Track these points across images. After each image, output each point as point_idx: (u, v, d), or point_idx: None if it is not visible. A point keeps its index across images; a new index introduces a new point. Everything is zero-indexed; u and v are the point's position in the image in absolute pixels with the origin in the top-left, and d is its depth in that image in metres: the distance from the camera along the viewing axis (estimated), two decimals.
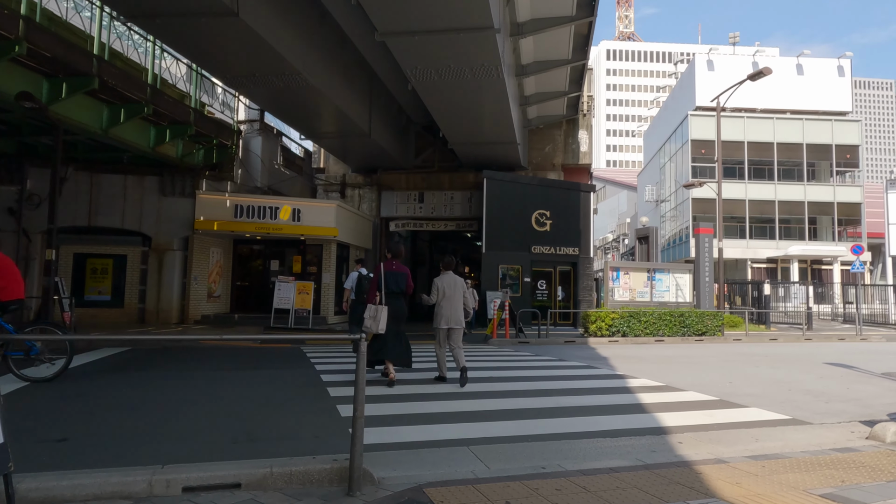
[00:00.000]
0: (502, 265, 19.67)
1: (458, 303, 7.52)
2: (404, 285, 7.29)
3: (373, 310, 6.98)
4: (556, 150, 22.68)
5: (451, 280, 7.59)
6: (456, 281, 7.62)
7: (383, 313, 6.96)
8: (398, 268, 7.32)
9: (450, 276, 7.66)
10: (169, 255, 16.79)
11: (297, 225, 17.46)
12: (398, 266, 7.34)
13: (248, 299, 19.46)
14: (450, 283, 7.55)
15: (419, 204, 22.08)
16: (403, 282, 7.28)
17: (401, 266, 7.38)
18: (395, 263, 7.33)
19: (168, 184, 16.79)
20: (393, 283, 7.17)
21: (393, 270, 7.25)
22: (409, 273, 7.48)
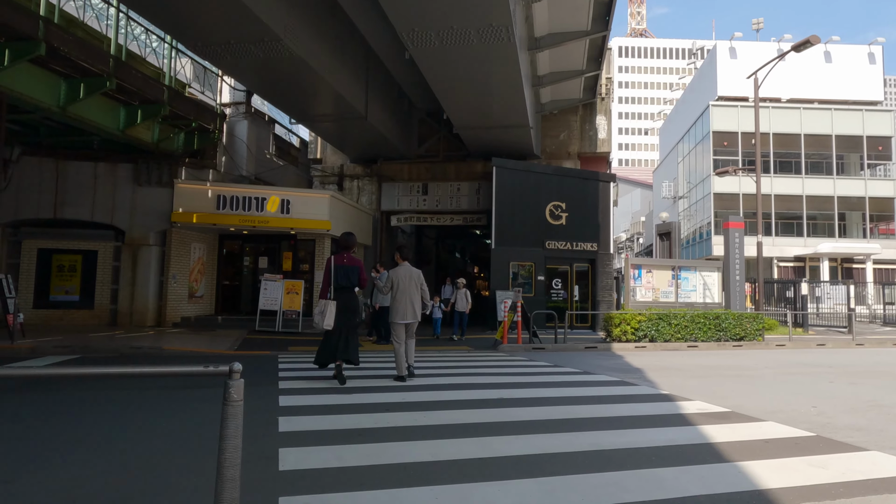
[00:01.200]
0: (514, 262, 17.88)
1: (414, 296, 7.38)
2: (356, 279, 7.07)
3: (321, 305, 6.85)
4: (572, 137, 20.86)
5: (407, 272, 7.44)
6: (411, 273, 7.46)
7: (330, 308, 6.80)
8: (350, 261, 7.10)
9: (405, 267, 7.50)
10: (144, 251, 15.16)
11: (287, 217, 15.78)
12: (350, 259, 7.12)
13: (235, 300, 17.82)
14: (405, 276, 7.39)
15: (423, 196, 20.34)
16: (355, 276, 7.06)
17: (353, 259, 7.17)
18: (347, 257, 7.12)
19: (143, 172, 15.17)
20: (343, 278, 6.96)
21: (344, 264, 7.02)
22: (362, 266, 7.27)
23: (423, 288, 7.55)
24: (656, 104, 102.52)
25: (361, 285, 7.20)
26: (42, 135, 14.11)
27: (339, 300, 6.88)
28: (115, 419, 5.17)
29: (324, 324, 6.81)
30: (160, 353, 10.57)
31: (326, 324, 6.81)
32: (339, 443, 4.36)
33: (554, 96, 19.86)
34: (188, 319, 15.77)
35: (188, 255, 16.03)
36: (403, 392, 6.62)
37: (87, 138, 14.14)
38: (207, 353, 10.79)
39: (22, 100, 11.22)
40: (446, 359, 10.71)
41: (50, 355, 9.93)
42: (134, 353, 10.49)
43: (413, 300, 7.37)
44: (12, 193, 14.43)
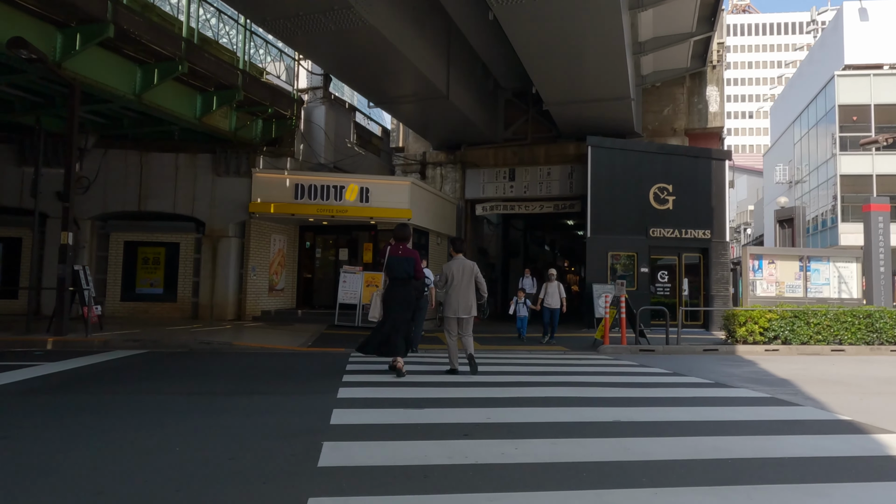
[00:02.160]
0: (612, 252, 16.04)
1: (467, 289, 7.19)
2: (411, 271, 6.91)
3: (374, 297, 7.01)
4: (678, 111, 18.57)
5: (461, 265, 7.24)
6: (464, 266, 7.25)
7: (376, 300, 6.96)
8: (405, 252, 6.97)
9: (459, 260, 7.31)
10: (224, 243, 14.82)
11: (365, 206, 14.90)
12: (405, 250, 6.99)
13: (317, 293, 17.24)
14: (458, 269, 7.21)
15: (510, 182, 18.87)
16: (410, 267, 6.91)
17: (408, 250, 7.02)
18: (402, 248, 6.99)
19: (222, 162, 14.82)
20: (398, 269, 6.86)
21: (399, 255, 6.90)
22: (418, 258, 7.08)
23: (478, 280, 7.28)
24: (762, 85, 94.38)
25: (417, 276, 7.01)
26: (125, 126, 14.04)
27: (392, 292, 6.86)
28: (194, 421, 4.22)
29: (371, 315, 7.01)
30: (228, 350, 9.89)
31: (371, 315, 7.01)
32: (390, 438, 4.02)
33: (657, 66, 17.70)
34: (268, 313, 15.30)
35: (268, 247, 15.56)
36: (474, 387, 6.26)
37: (168, 128, 13.91)
38: (278, 349, 10.00)
39: (97, 88, 10.94)
40: (535, 360, 9.27)
41: (119, 349, 9.49)
42: (202, 348, 9.87)
43: (466, 294, 7.16)
44: (100, 186, 14.51)
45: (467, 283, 7.18)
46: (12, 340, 9.57)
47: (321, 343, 11.03)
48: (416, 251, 7.26)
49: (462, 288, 7.14)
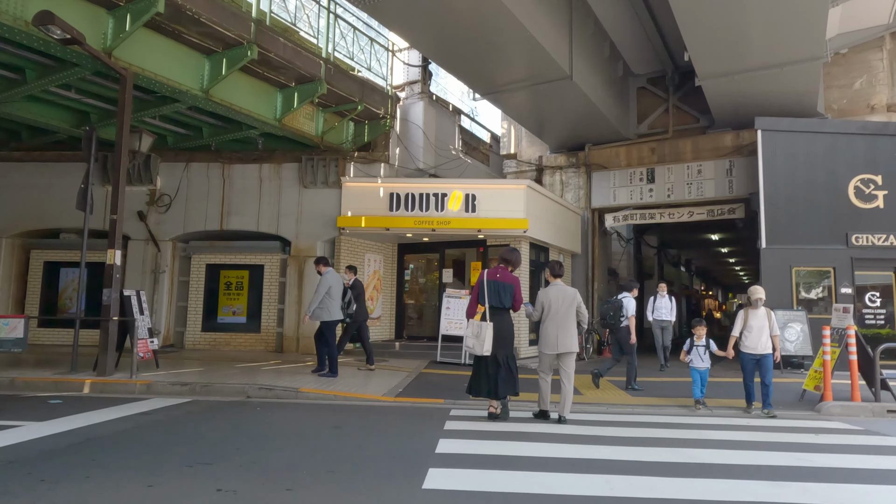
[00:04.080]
0: (797, 267, 12.08)
1: (568, 321, 6.13)
2: (510, 300, 6.09)
3: (475, 326, 5.96)
4: (875, 82, 14.23)
5: (560, 292, 6.24)
6: (564, 293, 6.24)
7: (487, 330, 5.88)
8: (504, 277, 6.13)
9: (558, 287, 6.33)
10: (311, 264, 12.79)
11: (472, 217, 12.27)
12: (503, 275, 6.14)
13: (418, 322, 14.80)
14: (557, 297, 6.20)
15: (647, 186, 15.42)
16: (509, 296, 6.08)
17: (507, 275, 6.17)
18: (501, 271, 6.16)
19: (308, 172, 12.92)
20: (494, 297, 6.03)
21: (496, 280, 6.08)
22: (518, 285, 6.17)
23: (579, 310, 6.29)
24: None
25: (515, 307, 6.17)
26: (205, 136, 12.59)
27: (492, 322, 5.94)
28: None
29: (483, 349, 5.92)
30: (292, 399, 7.52)
31: (486, 349, 5.92)
32: None
33: (844, 27, 13.60)
34: None
35: (361, 267, 13.37)
36: None
37: (249, 133, 12.24)
38: (355, 399, 7.48)
39: (156, 81, 9.31)
40: (723, 427, 5.91)
41: (162, 395, 7.46)
42: (262, 396, 7.59)
43: (566, 326, 6.17)
44: (181, 203, 13.16)
45: (566, 312, 6.18)
46: (46, 381, 7.87)
47: (416, 389, 8.39)
48: (517, 278, 6.31)
49: (561, 318, 6.17)
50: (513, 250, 6.42)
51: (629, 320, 8.54)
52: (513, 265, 6.29)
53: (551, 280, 6.47)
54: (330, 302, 9.01)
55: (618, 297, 8.85)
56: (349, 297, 9.64)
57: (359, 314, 9.91)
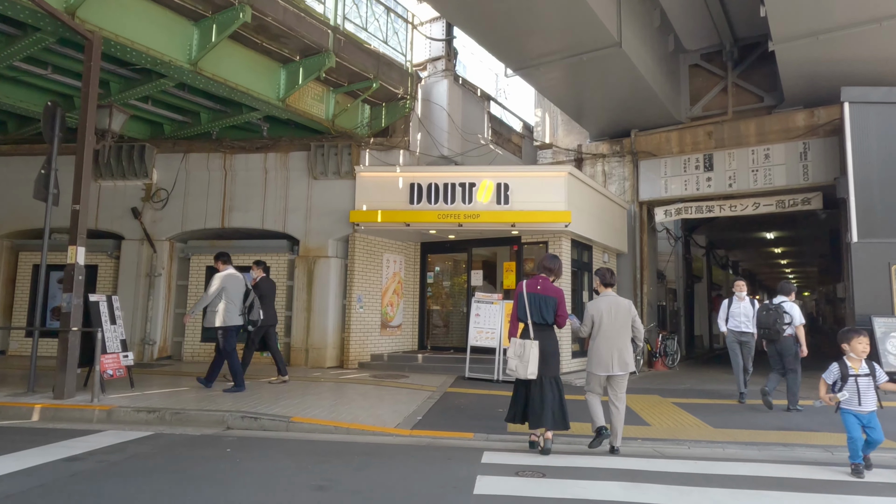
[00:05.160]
0: None
1: (623, 337, 5.35)
2: (552, 315, 5.27)
3: (517, 346, 5.21)
4: None
5: (612, 304, 5.41)
6: (618, 305, 5.41)
7: (532, 350, 5.10)
8: (545, 289, 5.31)
9: (610, 298, 5.47)
10: (322, 266, 11.31)
11: (504, 210, 10.61)
12: (545, 286, 5.33)
13: (444, 330, 13.17)
14: (609, 309, 5.37)
15: (705, 174, 13.49)
16: (552, 310, 5.26)
17: (549, 287, 5.34)
18: (542, 282, 5.35)
19: (319, 161, 11.43)
20: (535, 312, 5.23)
21: (538, 292, 5.28)
22: (562, 298, 5.33)
23: (635, 325, 5.40)
24: None
25: (559, 323, 5.29)
26: (204, 123, 11.22)
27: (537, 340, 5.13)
28: None
29: (528, 372, 5.07)
30: (283, 430, 5.95)
31: (531, 372, 5.07)
32: None
33: None
34: (379, 358, 11.45)
35: (379, 269, 11.82)
36: None
37: (250, 115, 10.82)
38: (359, 431, 5.87)
39: (134, 50, 7.93)
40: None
41: (124, 424, 5.99)
42: (245, 427, 6.04)
43: (620, 343, 5.30)
44: (179, 198, 11.82)
45: (621, 328, 5.38)
46: None
47: (439, 416, 6.73)
48: (560, 290, 5.45)
49: (614, 334, 5.36)
50: (554, 258, 5.61)
51: (797, 329, 7.64)
52: (555, 275, 5.52)
53: (601, 290, 5.62)
54: (226, 305, 7.79)
55: (776, 303, 7.82)
56: (252, 299, 8.19)
57: (269, 318, 8.63)
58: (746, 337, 8.31)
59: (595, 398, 5.47)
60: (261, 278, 8.88)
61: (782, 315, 7.60)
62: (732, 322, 8.39)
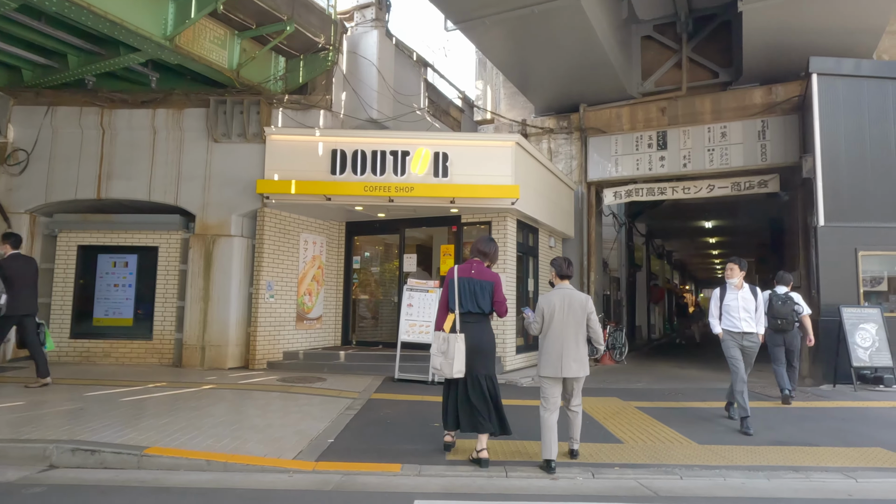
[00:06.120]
0: (865, 251, 9.33)
1: (576, 335, 4.61)
2: (488, 302, 4.65)
3: (441, 340, 4.55)
4: None
5: (566, 298, 4.67)
6: (572, 299, 4.67)
7: (458, 344, 4.43)
8: (480, 273, 4.69)
9: (565, 291, 4.72)
10: (223, 246, 9.41)
11: (443, 183, 9.09)
12: (479, 270, 4.70)
13: (372, 323, 11.56)
14: (563, 305, 4.64)
15: (658, 153, 12.48)
16: (488, 296, 4.65)
17: (484, 270, 4.74)
18: (476, 266, 4.72)
19: (221, 120, 9.50)
20: (468, 299, 4.60)
21: (472, 277, 4.65)
22: (498, 284, 4.73)
23: (591, 324, 4.68)
24: None
25: (498, 310, 4.69)
26: (72, 68, 9.03)
27: (464, 334, 4.49)
28: None
29: (453, 370, 4.42)
30: (120, 476, 4.19)
31: (457, 370, 4.42)
32: None
33: None
34: (293, 356, 9.71)
35: (295, 251, 10.04)
36: None
37: (131, 62, 8.76)
38: (240, 468, 4.20)
39: None
40: None
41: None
42: (76, 465, 4.25)
43: (574, 342, 4.58)
44: (43, 161, 9.57)
45: (576, 325, 4.60)
46: None
47: (355, 437, 5.15)
48: (497, 275, 4.78)
49: (569, 333, 4.58)
50: (489, 240, 4.91)
51: (803, 318, 7.30)
52: (490, 259, 4.85)
53: (557, 282, 4.83)
54: None
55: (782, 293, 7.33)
56: None
57: (19, 305, 6.85)
58: (751, 339, 6.02)
59: (550, 419, 4.53)
60: (8, 255, 7.06)
61: (794, 305, 7.20)
62: (728, 320, 6.14)
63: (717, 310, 6.24)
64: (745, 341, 6.00)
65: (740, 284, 6.17)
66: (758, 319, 6.06)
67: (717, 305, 6.24)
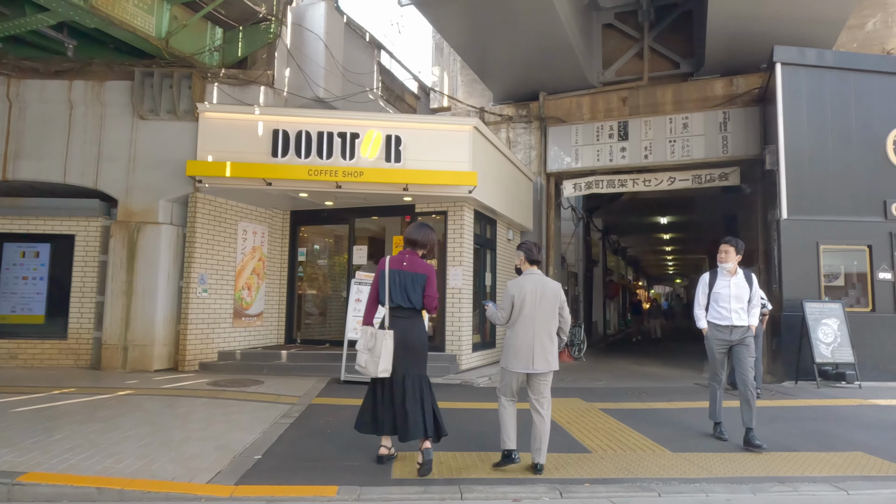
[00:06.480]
0: (826, 245, 9.16)
1: (547, 325, 4.17)
2: (420, 296, 4.20)
3: (368, 336, 4.13)
4: (891, 23, 11.70)
5: (537, 286, 4.21)
6: (544, 287, 4.21)
7: (385, 342, 4.04)
8: (412, 265, 4.23)
9: (536, 277, 4.26)
10: (149, 234, 8.47)
11: (395, 168, 8.41)
12: (412, 261, 4.24)
13: (322, 319, 10.80)
14: (534, 291, 4.18)
15: (620, 144, 12.13)
16: (419, 289, 4.20)
17: (418, 263, 4.26)
18: (409, 257, 4.26)
19: (148, 94, 8.53)
20: (399, 293, 4.16)
21: (403, 269, 4.20)
22: (432, 276, 4.26)
23: (562, 314, 4.25)
24: None
25: (428, 306, 4.24)
26: None
27: (392, 330, 4.09)
28: None
29: (378, 369, 4.02)
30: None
31: (382, 369, 4.03)
32: None
33: None
34: (230, 356, 8.86)
35: (232, 241, 9.17)
36: None
37: (41, 24, 7.73)
38: (140, 497, 3.45)
39: None
40: None
41: None
42: None
43: (544, 333, 4.14)
44: None
45: (548, 315, 4.17)
46: None
47: (287, 454, 4.44)
48: (431, 266, 4.32)
49: (539, 323, 4.14)
50: (422, 227, 4.45)
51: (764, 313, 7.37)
52: (422, 248, 4.37)
53: (526, 267, 4.38)
54: None
55: None
56: None
57: None
58: (742, 333, 5.02)
59: (509, 408, 4.25)
60: None
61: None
62: (715, 311, 5.14)
63: (704, 298, 5.24)
64: (735, 336, 5.05)
65: (734, 270, 5.15)
66: (750, 310, 5.12)
67: (705, 293, 5.23)
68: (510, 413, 4.24)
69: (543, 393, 4.22)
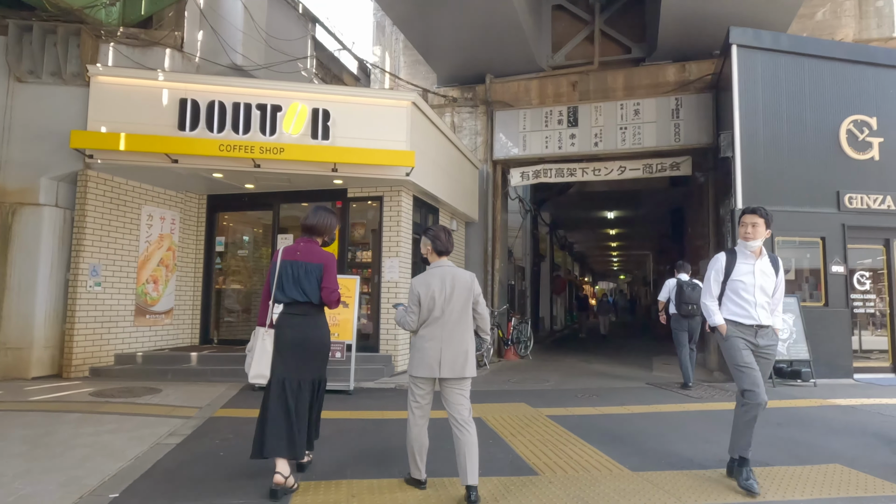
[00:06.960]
0: (781, 237, 8.79)
1: (462, 325, 3.52)
2: (316, 289, 3.62)
3: (253, 336, 3.64)
4: (840, 13, 11.53)
5: (446, 279, 3.55)
6: (457, 279, 3.56)
7: (264, 344, 3.57)
8: (306, 254, 3.66)
9: (445, 269, 3.60)
10: (28, 218, 7.19)
11: (322, 145, 7.45)
12: (307, 251, 3.68)
13: (243, 317, 9.69)
14: (442, 286, 3.53)
15: (569, 130, 11.50)
16: (315, 281, 3.61)
17: (314, 252, 3.69)
18: (304, 246, 3.71)
19: (27, 53, 7.24)
20: (293, 286, 3.58)
21: (297, 259, 3.64)
22: (330, 265, 3.67)
23: (478, 309, 3.61)
24: None
25: (326, 299, 3.64)
26: None
27: (284, 327, 3.57)
28: None
29: (250, 375, 3.56)
30: None
31: (254, 374, 3.55)
32: None
33: None
34: (129, 359, 7.68)
35: (135, 228, 7.97)
36: None
37: None
38: None
39: None
40: None
41: None
42: None
43: (456, 334, 3.49)
44: None
45: (461, 312, 3.52)
46: None
47: (162, 483, 3.47)
48: (331, 254, 3.74)
49: (452, 321, 3.50)
50: (318, 211, 3.80)
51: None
52: (319, 234, 3.76)
53: (434, 258, 3.68)
54: None
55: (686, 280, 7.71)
56: None
57: None
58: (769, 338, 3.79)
59: (419, 425, 3.50)
60: None
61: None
62: (735, 306, 3.82)
63: (717, 287, 3.90)
64: (761, 340, 3.74)
65: (760, 251, 3.84)
66: (775, 306, 3.84)
67: (719, 280, 3.89)
68: (420, 433, 3.50)
69: (460, 403, 3.49)
